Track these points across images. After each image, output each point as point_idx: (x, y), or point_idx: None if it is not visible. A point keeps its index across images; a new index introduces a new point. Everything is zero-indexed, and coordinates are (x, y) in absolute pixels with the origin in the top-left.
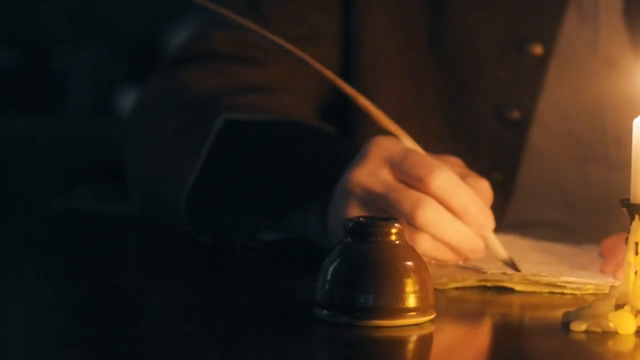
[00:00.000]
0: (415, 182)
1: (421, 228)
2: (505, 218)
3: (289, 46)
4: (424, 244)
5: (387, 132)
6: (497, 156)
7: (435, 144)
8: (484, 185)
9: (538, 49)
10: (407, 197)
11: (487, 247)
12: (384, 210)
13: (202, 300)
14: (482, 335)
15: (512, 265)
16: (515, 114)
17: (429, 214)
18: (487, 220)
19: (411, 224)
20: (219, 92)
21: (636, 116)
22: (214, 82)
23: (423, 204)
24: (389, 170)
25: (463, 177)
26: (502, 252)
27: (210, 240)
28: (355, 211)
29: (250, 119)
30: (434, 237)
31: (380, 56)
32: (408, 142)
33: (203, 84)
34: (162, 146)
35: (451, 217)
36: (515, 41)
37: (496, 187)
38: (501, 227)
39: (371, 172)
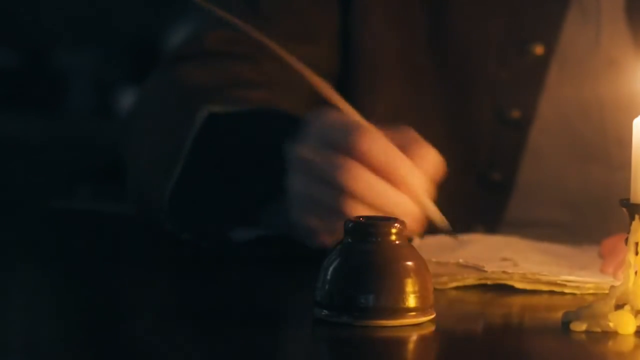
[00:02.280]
0: (343, 146)
1: (356, 197)
2: (505, 217)
3: (261, 36)
4: (359, 214)
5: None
6: (496, 156)
7: (434, 143)
8: (430, 153)
9: (539, 49)
10: (342, 165)
11: (427, 216)
12: (318, 178)
13: (201, 300)
14: (482, 336)
15: (452, 234)
16: (516, 114)
17: (353, 174)
18: (421, 185)
19: (337, 188)
20: (210, 87)
21: (637, 116)
22: (205, 78)
23: (357, 171)
24: (322, 137)
25: (406, 145)
26: (440, 219)
27: (191, 239)
28: (293, 181)
29: (232, 111)
30: (370, 205)
31: (380, 55)
32: (355, 117)
33: (194, 81)
34: (152, 143)
35: (386, 184)
36: (516, 41)
37: (495, 186)
38: (501, 226)
39: (306, 142)
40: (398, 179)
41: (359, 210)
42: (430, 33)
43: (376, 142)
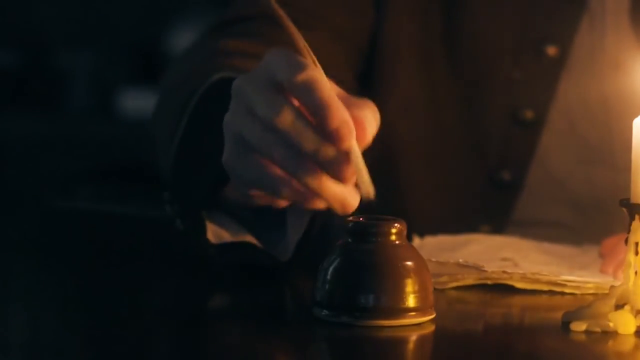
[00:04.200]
0: (281, 81)
1: (278, 134)
2: (513, 217)
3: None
4: (277, 153)
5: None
6: (507, 155)
7: (446, 138)
8: (370, 108)
9: (554, 50)
10: (269, 98)
11: (359, 177)
12: (251, 114)
13: (201, 300)
14: (482, 336)
15: (372, 204)
16: (529, 114)
17: (288, 117)
18: (348, 129)
19: (269, 128)
20: (239, 51)
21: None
22: (242, 43)
23: (283, 107)
24: (266, 73)
25: (348, 98)
26: (368, 185)
27: (184, 227)
28: (229, 116)
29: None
30: (291, 146)
31: (395, 48)
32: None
33: (228, 45)
34: (167, 100)
35: (312, 129)
36: (531, 42)
37: (504, 185)
38: (508, 225)
39: (251, 76)
40: (330, 127)
41: (277, 149)
42: (445, 30)
43: (314, 83)
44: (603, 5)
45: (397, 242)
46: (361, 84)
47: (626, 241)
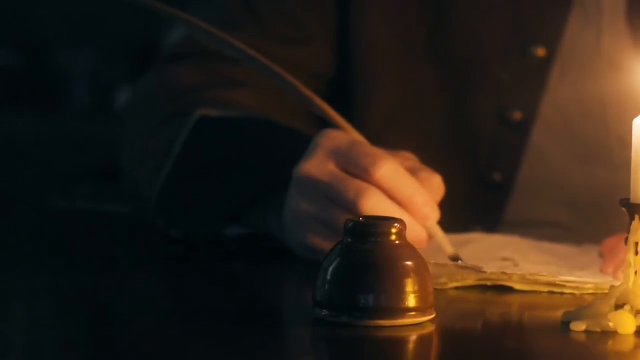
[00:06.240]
0: (360, 172)
1: None
2: (506, 218)
3: (252, 52)
4: None
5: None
6: (497, 156)
7: (434, 143)
8: (436, 180)
9: (541, 52)
10: (352, 186)
11: (434, 240)
12: (330, 201)
13: (201, 300)
14: (482, 335)
15: (458, 261)
16: (517, 115)
17: (373, 202)
18: (432, 211)
19: (355, 212)
20: (199, 86)
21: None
22: (197, 78)
23: (367, 193)
24: (335, 161)
25: (415, 171)
26: (448, 246)
27: (180, 235)
28: (301, 201)
29: (224, 116)
30: None
31: (379, 54)
32: (359, 138)
33: (186, 80)
34: (142, 141)
35: (395, 206)
36: (518, 44)
37: (495, 187)
38: (501, 226)
39: (318, 163)
40: (408, 201)
41: None
42: (431, 33)
43: (391, 168)
44: (599, 5)
45: (397, 242)
46: (340, 95)
47: (626, 241)
